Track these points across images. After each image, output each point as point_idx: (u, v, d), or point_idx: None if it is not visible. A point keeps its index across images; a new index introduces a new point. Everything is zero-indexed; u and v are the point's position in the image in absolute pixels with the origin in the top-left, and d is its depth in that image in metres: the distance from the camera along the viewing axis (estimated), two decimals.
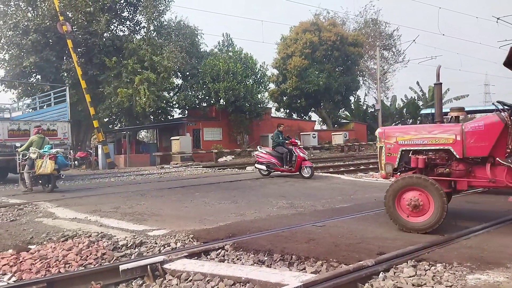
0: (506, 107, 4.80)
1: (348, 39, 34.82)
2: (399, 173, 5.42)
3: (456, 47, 69.44)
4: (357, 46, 35.13)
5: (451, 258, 3.59)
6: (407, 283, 3.13)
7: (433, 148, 5.17)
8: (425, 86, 40.17)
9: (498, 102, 4.93)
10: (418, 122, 35.51)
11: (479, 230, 4.71)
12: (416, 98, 40.17)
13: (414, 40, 31.09)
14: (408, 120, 39.46)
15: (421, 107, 37.42)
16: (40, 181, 10.80)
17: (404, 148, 5.36)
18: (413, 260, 3.60)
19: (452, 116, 5.47)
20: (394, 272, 3.38)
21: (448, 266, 3.43)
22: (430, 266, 3.49)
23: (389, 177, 5.59)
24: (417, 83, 43.47)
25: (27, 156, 10.88)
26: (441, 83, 5.80)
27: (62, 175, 11.38)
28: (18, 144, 12.75)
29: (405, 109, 40.47)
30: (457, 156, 4.97)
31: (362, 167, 17.18)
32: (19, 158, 11.27)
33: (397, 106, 41.04)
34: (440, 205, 4.67)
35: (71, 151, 15.67)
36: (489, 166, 4.86)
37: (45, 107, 18.99)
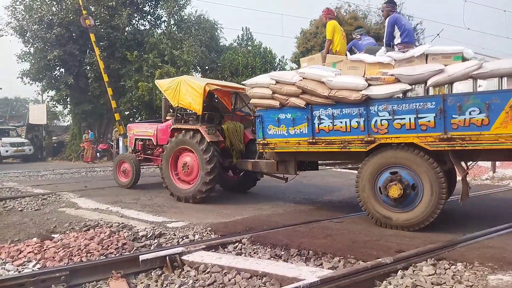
0: (177, 115, 7.74)
1: (370, 32, 34.17)
2: (135, 153, 9.09)
3: (481, 41, 67.30)
4: (379, 40, 34.46)
5: (472, 258, 3.51)
6: (426, 282, 3.07)
7: (146, 138, 8.87)
8: None
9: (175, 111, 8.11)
10: None
11: (502, 230, 4.59)
12: None
13: (438, 34, 30.09)
14: None
15: None
16: None
17: (136, 137, 9.08)
18: (432, 259, 3.54)
19: (169, 119, 8.29)
20: (413, 271, 3.33)
21: (469, 266, 3.36)
22: (450, 265, 3.42)
23: None
24: None
25: None
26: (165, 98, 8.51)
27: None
28: None
29: None
30: (155, 144, 8.62)
31: None
32: None
33: None
34: (133, 172, 8.65)
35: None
36: None
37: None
